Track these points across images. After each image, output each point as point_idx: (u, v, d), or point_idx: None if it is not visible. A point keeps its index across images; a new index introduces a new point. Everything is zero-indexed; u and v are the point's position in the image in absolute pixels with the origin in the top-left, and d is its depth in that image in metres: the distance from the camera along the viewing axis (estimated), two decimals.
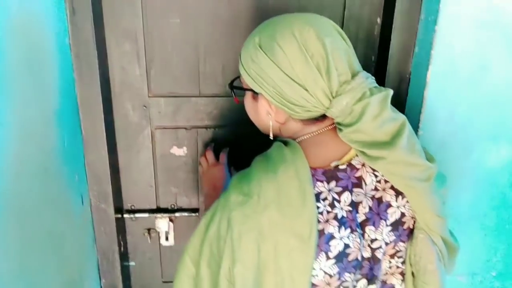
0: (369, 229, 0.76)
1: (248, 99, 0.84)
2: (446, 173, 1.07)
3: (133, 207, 1.34)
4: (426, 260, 0.78)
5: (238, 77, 0.83)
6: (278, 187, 0.70)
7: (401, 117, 0.73)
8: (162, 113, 1.23)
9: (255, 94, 0.78)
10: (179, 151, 1.29)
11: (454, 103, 1.10)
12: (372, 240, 0.77)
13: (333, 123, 0.77)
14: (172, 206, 1.35)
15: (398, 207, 0.78)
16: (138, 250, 1.40)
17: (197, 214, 1.34)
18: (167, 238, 1.37)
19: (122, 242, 1.33)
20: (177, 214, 1.34)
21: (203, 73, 1.21)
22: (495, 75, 1.08)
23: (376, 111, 0.70)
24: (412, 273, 0.82)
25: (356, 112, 0.70)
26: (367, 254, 0.77)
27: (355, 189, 0.76)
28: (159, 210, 1.35)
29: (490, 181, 1.19)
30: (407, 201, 0.78)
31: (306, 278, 0.70)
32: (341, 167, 0.76)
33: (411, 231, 0.80)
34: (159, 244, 1.39)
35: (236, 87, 0.85)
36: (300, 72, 0.69)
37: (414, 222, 0.80)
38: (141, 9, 1.13)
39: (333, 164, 0.75)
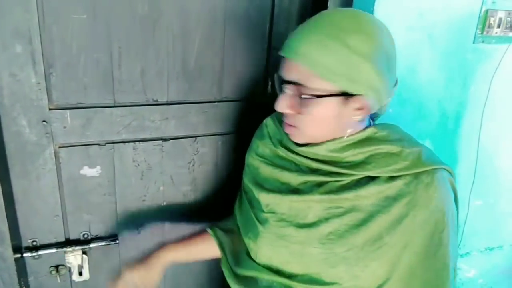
0: None
1: (328, 106, 0.75)
2: None
3: (34, 243, 1.09)
4: None
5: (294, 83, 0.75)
6: None
7: None
8: (68, 128, 1.01)
9: (347, 97, 0.74)
10: (92, 172, 1.08)
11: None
12: None
13: None
14: (85, 236, 1.14)
15: None
16: None
17: (116, 241, 1.15)
18: (80, 273, 1.16)
19: None
20: (92, 245, 1.13)
21: (118, 78, 1.02)
22: (421, 75, 1.12)
23: None
24: None
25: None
26: None
27: None
28: (68, 242, 1.13)
29: None
30: None
31: None
32: None
33: None
34: (71, 281, 1.17)
35: (317, 96, 0.74)
36: (393, 71, 0.77)
37: None
38: (35, 1, 0.89)
39: None
